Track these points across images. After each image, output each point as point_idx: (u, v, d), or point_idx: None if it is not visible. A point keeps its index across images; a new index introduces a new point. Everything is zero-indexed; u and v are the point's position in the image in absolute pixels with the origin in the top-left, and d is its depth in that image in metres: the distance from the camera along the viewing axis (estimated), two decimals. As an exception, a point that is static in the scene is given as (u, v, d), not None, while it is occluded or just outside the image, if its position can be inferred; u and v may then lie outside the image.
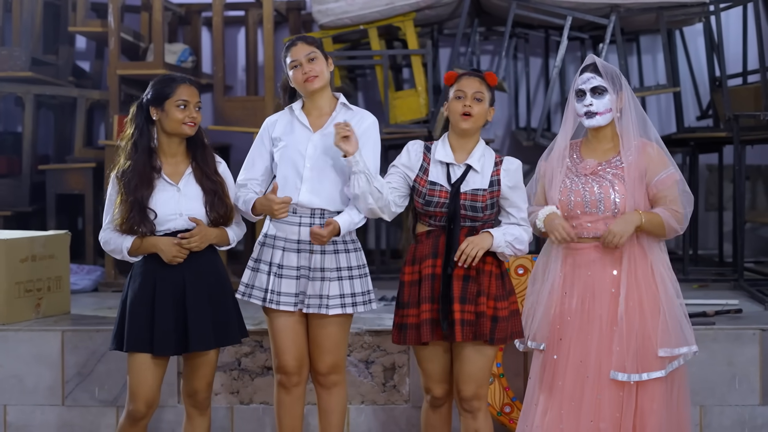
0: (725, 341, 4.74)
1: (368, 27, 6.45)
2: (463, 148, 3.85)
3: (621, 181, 3.81)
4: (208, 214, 3.85)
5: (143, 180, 3.80)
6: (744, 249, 6.17)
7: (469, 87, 3.82)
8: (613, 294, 3.81)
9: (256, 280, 3.98)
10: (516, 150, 7.80)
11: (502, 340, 3.81)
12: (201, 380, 3.92)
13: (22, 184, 6.86)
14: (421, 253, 3.85)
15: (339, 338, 3.98)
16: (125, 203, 3.80)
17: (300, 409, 4.04)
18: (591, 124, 3.87)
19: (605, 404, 3.75)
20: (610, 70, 3.89)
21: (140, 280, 3.83)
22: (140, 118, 3.87)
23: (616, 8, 6.32)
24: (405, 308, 3.85)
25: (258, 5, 7.05)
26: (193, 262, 3.84)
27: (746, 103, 6.55)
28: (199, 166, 3.89)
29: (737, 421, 4.75)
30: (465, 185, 3.80)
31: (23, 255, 5.10)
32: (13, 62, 6.72)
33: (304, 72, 3.92)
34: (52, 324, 5.04)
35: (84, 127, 6.95)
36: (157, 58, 6.56)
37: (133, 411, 3.85)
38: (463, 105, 3.79)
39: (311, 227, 3.87)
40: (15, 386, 4.88)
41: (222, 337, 3.88)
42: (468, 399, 3.86)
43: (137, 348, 3.79)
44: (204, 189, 3.87)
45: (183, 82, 3.87)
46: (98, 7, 7.17)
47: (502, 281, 3.83)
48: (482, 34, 7.56)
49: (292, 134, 3.98)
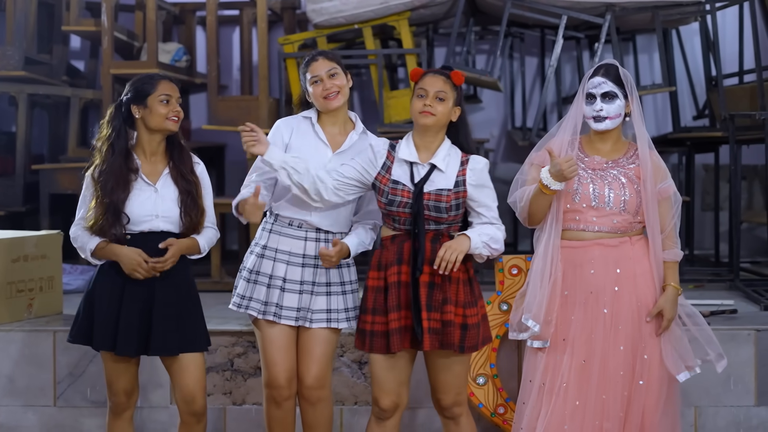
0: (720, 342, 4.65)
1: (363, 26, 6.42)
2: (427, 147, 3.74)
3: (631, 181, 3.80)
4: (181, 216, 3.83)
5: (119, 182, 3.78)
6: (740, 249, 6.15)
7: (431, 86, 3.71)
8: (616, 292, 3.79)
9: (254, 292, 3.92)
10: (512, 149, 7.79)
11: (473, 347, 3.74)
12: (194, 386, 3.86)
13: (16, 183, 6.83)
14: (386, 260, 3.76)
15: (328, 350, 3.94)
16: (100, 205, 3.77)
17: (291, 422, 3.97)
18: (599, 128, 3.84)
19: (610, 404, 3.74)
20: (623, 76, 3.85)
21: (109, 278, 3.81)
22: (118, 119, 3.85)
23: (612, 7, 6.30)
24: (369, 314, 3.76)
25: (252, 4, 7.02)
26: None
27: (742, 103, 6.54)
28: (176, 165, 3.87)
29: (732, 421, 4.73)
30: (429, 185, 3.70)
31: (15, 255, 5.08)
32: (6, 61, 6.70)
33: (325, 88, 3.86)
34: (43, 324, 5.01)
35: (78, 127, 6.93)
36: (150, 57, 6.53)
37: (114, 404, 3.90)
38: (424, 104, 3.70)
39: (320, 249, 3.81)
40: (6, 386, 4.86)
41: (188, 344, 3.85)
42: (448, 407, 3.83)
43: (102, 346, 3.81)
44: (179, 189, 3.84)
45: (164, 78, 3.87)
46: (92, 6, 7.14)
47: (470, 287, 3.75)
48: (477, 33, 7.54)
49: (310, 148, 3.90)
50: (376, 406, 3.81)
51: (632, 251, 3.82)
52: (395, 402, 3.79)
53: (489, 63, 7.74)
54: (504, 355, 4.67)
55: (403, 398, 3.82)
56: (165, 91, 3.81)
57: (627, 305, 3.78)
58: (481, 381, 4.60)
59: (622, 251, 3.81)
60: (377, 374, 3.78)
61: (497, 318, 4.62)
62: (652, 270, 3.82)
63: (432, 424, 4.62)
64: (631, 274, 3.80)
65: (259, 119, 6.26)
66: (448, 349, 3.70)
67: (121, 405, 3.90)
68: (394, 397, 3.78)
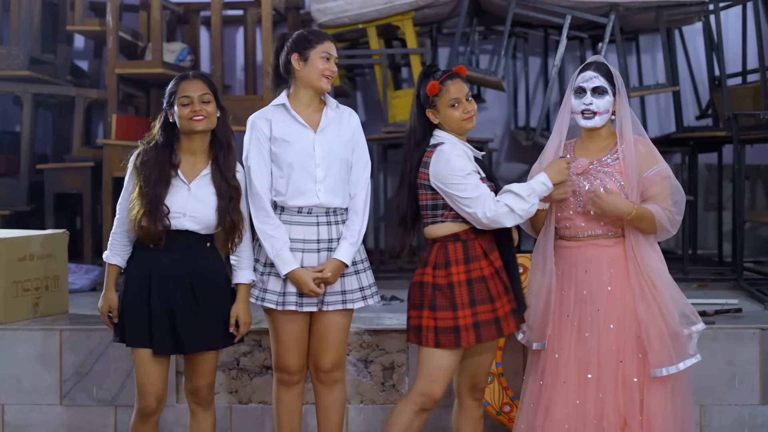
0: (725, 341, 4.74)
1: (367, 26, 6.44)
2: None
3: (612, 179, 3.80)
4: (218, 218, 3.80)
5: (162, 176, 3.78)
6: (743, 249, 6.16)
7: (461, 92, 3.80)
8: (610, 292, 3.80)
9: (269, 284, 3.93)
10: (515, 149, 7.80)
11: None
12: (202, 379, 3.91)
13: (20, 183, 6.84)
14: (474, 252, 3.82)
15: (344, 334, 3.99)
16: (143, 197, 3.77)
17: (299, 406, 4.04)
18: (587, 125, 3.85)
19: (608, 403, 3.75)
20: (613, 72, 3.88)
21: (134, 273, 3.84)
22: (164, 121, 3.85)
23: (616, 7, 6.31)
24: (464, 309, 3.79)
25: (256, 4, 7.04)
26: (190, 263, 3.82)
27: (745, 103, 6.54)
28: (219, 168, 3.83)
29: (737, 420, 4.74)
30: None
31: (21, 254, 5.09)
32: (11, 61, 6.70)
33: (330, 69, 3.89)
34: (50, 323, 5.02)
35: (82, 127, 6.94)
36: (155, 57, 6.54)
37: (143, 407, 3.86)
38: (464, 111, 3.79)
39: (318, 285, 3.87)
40: (13, 386, 4.87)
41: (215, 340, 3.87)
42: (482, 389, 4.02)
43: (138, 343, 3.80)
44: (219, 192, 3.81)
45: (186, 78, 3.84)
46: (96, 6, 7.16)
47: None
48: (481, 33, 7.55)
49: (294, 134, 3.92)
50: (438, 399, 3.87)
51: (625, 251, 3.82)
52: None
53: (492, 63, 7.75)
54: (510, 354, 4.69)
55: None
56: (184, 93, 3.79)
57: (620, 305, 3.79)
58: (487, 379, 4.60)
59: (616, 251, 3.82)
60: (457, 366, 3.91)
61: (503, 317, 4.63)
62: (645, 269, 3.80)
63: (439, 421, 4.63)
64: (624, 274, 3.81)
65: (264, 119, 6.27)
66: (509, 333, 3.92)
67: (150, 408, 3.86)
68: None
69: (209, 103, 3.80)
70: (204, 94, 3.79)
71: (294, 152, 3.89)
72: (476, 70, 6.68)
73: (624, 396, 3.75)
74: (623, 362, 3.75)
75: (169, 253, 3.81)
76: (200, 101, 3.78)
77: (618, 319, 3.77)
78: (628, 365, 3.75)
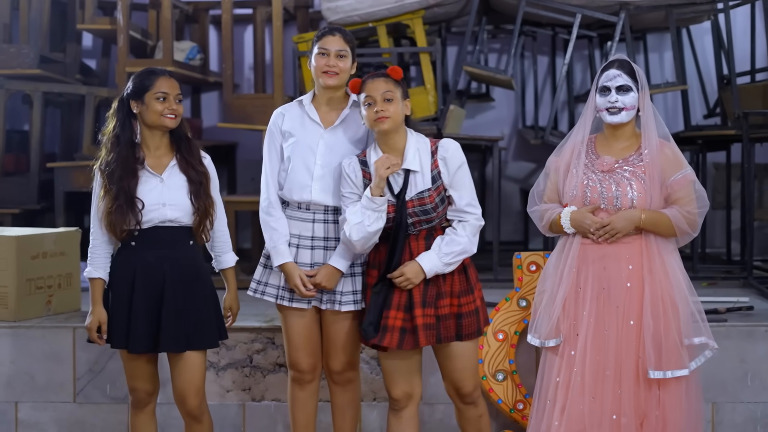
0: (737, 338, 4.75)
1: (377, 24, 6.44)
2: (395, 150, 3.77)
3: (639, 180, 3.81)
4: (193, 203, 3.83)
5: (127, 170, 3.78)
6: (753, 247, 6.17)
7: (375, 90, 3.73)
8: (629, 288, 3.81)
9: (270, 278, 3.97)
10: (524, 148, 7.80)
11: (471, 335, 3.81)
12: (186, 385, 3.86)
13: (30, 181, 6.85)
14: (378, 260, 3.83)
15: (353, 335, 3.97)
16: (110, 193, 3.77)
17: (314, 404, 4.05)
18: (614, 120, 3.86)
19: (626, 399, 3.76)
20: (636, 69, 3.89)
21: (120, 277, 3.83)
22: (122, 112, 3.85)
23: (626, 6, 6.32)
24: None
25: (266, 3, 7.04)
26: (173, 261, 3.82)
27: (754, 101, 6.55)
28: (184, 157, 3.87)
29: (749, 418, 4.75)
30: (408, 192, 3.74)
31: (34, 252, 5.10)
32: (21, 60, 6.72)
33: (328, 64, 3.90)
34: (63, 321, 5.03)
35: (92, 125, 6.94)
36: (166, 55, 6.56)
37: (134, 399, 3.94)
38: (375, 111, 3.71)
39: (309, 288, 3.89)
40: (26, 383, 4.88)
41: (196, 341, 3.85)
42: (468, 393, 3.90)
43: (116, 344, 3.85)
44: (189, 178, 3.84)
45: (162, 74, 3.85)
46: (104, 5, 7.17)
47: (465, 275, 3.82)
48: (490, 32, 7.55)
49: (303, 129, 3.96)
50: (390, 399, 3.87)
51: (643, 247, 3.83)
52: (407, 392, 3.84)
53: (500, 62, 7.76)
54: (523, 352, 4.69)
55: (416, 389, 3.87)
56: (161, 89, 3.80)
57: (639, 301, 3.80)
58: (500, 377, 4.62)
59: (635, 248, 3.83)
60: (385, 367, 3.87)
61: (516, 314, 4.64)
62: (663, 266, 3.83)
63: (450, 419, 4.64)
64: (643, 270, 3.82)
65: (274, 117, 6.28)
66: (446, 341, 3.78)
67: (142, 400, 3.93)
68: (406, 387, 3.83)
69: (180, 102, 3.85)
70: (178, 94, 3.84)
71: (298, 146, 3.93)
72: (486, 69, 6.68)
73: (643, 390, 3.76)
74: (642, 357, 3.76)
75: (153, 251, 3.81)
76: (176, 100, 3.82)
77: (637, 316, 3.78)
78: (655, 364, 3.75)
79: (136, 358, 3.86)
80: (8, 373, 4.88)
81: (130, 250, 3.83)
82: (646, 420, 3.76)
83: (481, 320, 3.84)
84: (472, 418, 3.96)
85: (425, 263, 3.72)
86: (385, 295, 3.77)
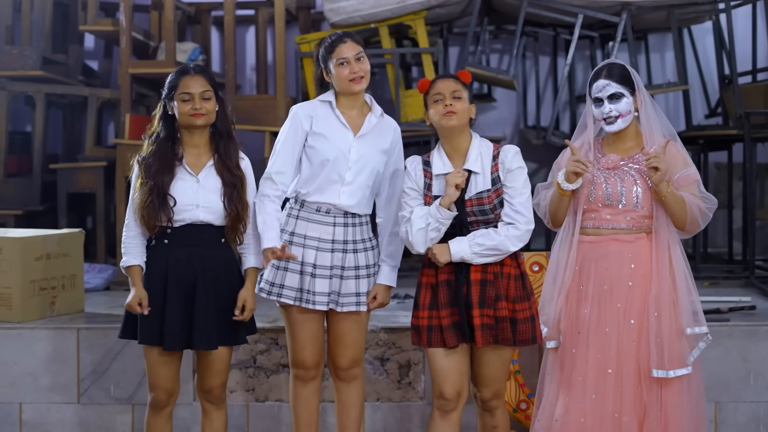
0: (740, 338, 4.75)
1: (379, 25, 6.45)
2: (458, 151, 3.81)
3: (643, 177, 3.82)
4: (225, 207, 3.84)
5: (164, 165, 3.82)
6: (755, 246, 6.18)
7: (445, 88, 3.78)
8: (630, 287, 3.82)
9: (285, 280, 3.96)
10: (525, 149, 7.75)
11: (525, 342, 3.80)
12: (215, 378, 3.94)
13: (33, 183, 6.85)
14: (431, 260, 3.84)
15: (361, 333, 4.02)
16: (145, 186, 3.81)
17: (316, 402, 4.06)
18: (612, 129, 3.89)
19: (627, 398, 3.77)
20: (624, 73, 3.89)
21: (152, 269, 3.85)
22: (163, 112, 3.90)
23: (628, 6, 6.33)
24: (426, 310, 3.82)
25: (268, 4, 7.06)
26: (205, 259, 3.84)
27: (756, 101, 6.56)
28: (221, 158, 3.88)
29: (752, 417, 4.76)
30: (468, 191, 3.77)
31: (38, 253, 5.11)
32: (24, 61, 6.72)
33: (352, 71, 3.90)
34: (67, 322, 5.05)
35: (95, 126, 6.95)
36: (168, 56, 6.57)
37: (154, 400, 3.92)
38: (444, 105, 3.75)
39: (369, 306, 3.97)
40: (30, 384, 4.89)
41: (227, 337, 3.89)
42: (488, 400, 3.90)
43: (148, 341, 3.84)
44: (224, 181, 3.85)
45: (187, 73, 3.87)
46: (106, 6, 7.17)
47: (522, 282, 3.82)
48: (492, 32, 7.56)
49: (334, 132, 3.95)
50: (441, 399, 3.83)
51: (648, 247, 3.84)
52: (458, 390, 3.82)
53: (501, 62, 7.76)
54: (526, 352, 4.70)
55: (465, 388, 3.87)
56: (185, 89, 3.83)
57: (640, 300, 3.81)
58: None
59: (638, 247, 3.84)
60: (438, 366, 3.82)
61: (519, 314, 4.65)
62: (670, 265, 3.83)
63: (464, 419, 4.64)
64: (645, 270, 3.83)
65: (277, 118, 6.29)
66: (503, 344, 3.78)
67: (162, 401, 3.92)
68: (458, 386, 3.82)
69: (209, 99, 3.85)
70: (205, 91, 3.84)
71: (330, 150, 3.92)
72: (488, 69, 6.69)
73: (645, 389, 3.77)
74: (643, 356, 3.77)
75: (186, 248, 3.84)
76: (201, 98, 3.83)
77: (638, 315, 3.79)
78: (648, 359, 3.77)
79: (164, 357, 3.86)
80: (12, 374, 4.89)
81: (163, 247, 3.86)
82: (648, 419, 3.77)
83: (537, 329, 3.83)
84: (487, 426, 3.96)
85: (453, 245, 3.74)
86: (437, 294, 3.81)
